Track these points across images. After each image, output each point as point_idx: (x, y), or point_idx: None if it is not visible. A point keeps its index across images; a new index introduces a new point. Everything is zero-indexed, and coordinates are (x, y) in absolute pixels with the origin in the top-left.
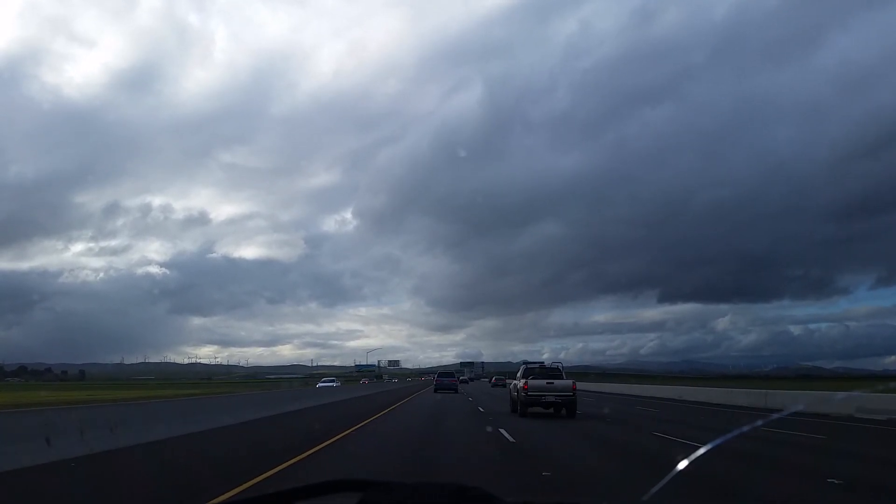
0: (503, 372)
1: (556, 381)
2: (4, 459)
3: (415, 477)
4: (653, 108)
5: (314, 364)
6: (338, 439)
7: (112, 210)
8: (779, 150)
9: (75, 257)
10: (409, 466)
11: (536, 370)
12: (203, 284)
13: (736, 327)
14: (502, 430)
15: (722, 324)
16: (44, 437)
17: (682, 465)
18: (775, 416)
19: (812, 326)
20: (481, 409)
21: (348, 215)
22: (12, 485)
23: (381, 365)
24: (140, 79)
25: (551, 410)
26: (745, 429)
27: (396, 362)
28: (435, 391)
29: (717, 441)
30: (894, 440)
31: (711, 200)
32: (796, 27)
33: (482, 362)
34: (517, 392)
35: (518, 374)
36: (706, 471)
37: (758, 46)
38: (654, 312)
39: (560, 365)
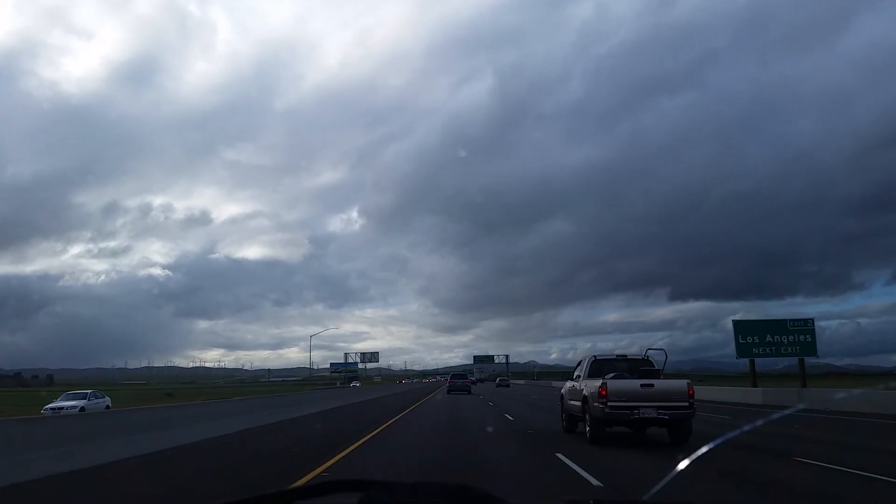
0: (523, 373)
1: (658, 383)
2: None
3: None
4: (670, 98)
5: (316, 367)
6: None
7: (113, 211)
8: (799, 140)
9: (76, 259)
10: None
11: (617, 364)
12: (207, 287)
13: None
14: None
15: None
16: None
17: (683, 464)
18: (776, 415)
19: (823, 324)
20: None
21: (354, 214)
22: None
23: (354, 361)
24: (140, 72)
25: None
26: (746, 427)
27: (374, 355)
28: (448, 392)
29: (718, 440)
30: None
31: (727, 194)
32: (823, 8)
33: (506, 356)
34: (585, 402)
35: (580, 372)
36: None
37: (782, 30)
38: (664, 311)
39: (651, 356)
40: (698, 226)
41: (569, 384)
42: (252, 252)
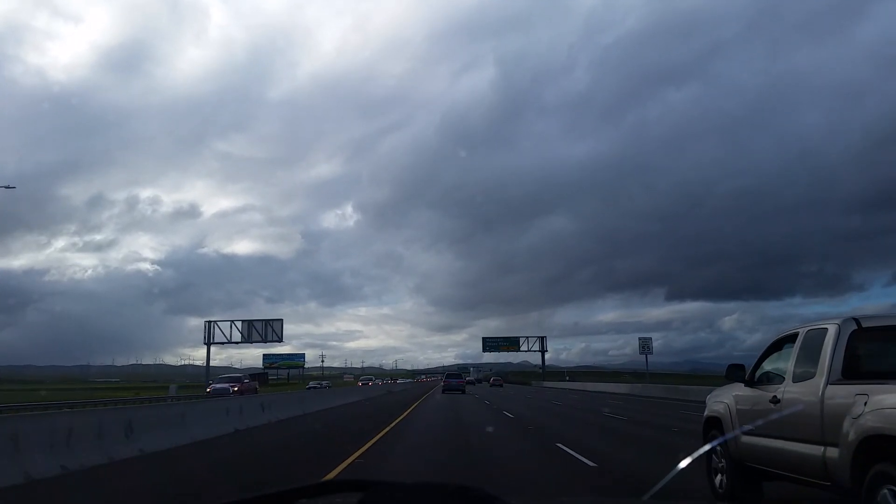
0: (524, 373)
1: None
2: None
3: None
4: (677, 90)
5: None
6: None
7: (100, 203)
8: (806, 135)
9: (61, 254)
10: None
11: None
12: (198, 283)
13: (742, 326)
14: None
15: (728, 323)
16: None
17: (684, 464)
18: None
19: None
20: None
21: (349, 209)
22: None
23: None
24: (129, 59)
25: None
26: (747, 427)
27: (276, 325)
28: (443, 392)
29: (719, 440)
30: None
31: (730, 191)
32: None
33: (540, 340)
34: (871, 450)
35: (787, 364)
36: None
37: (793, 19)
38: (660, 311)
39: None
40: (700, 223)
41: (734, 397)
42: (243, 247)
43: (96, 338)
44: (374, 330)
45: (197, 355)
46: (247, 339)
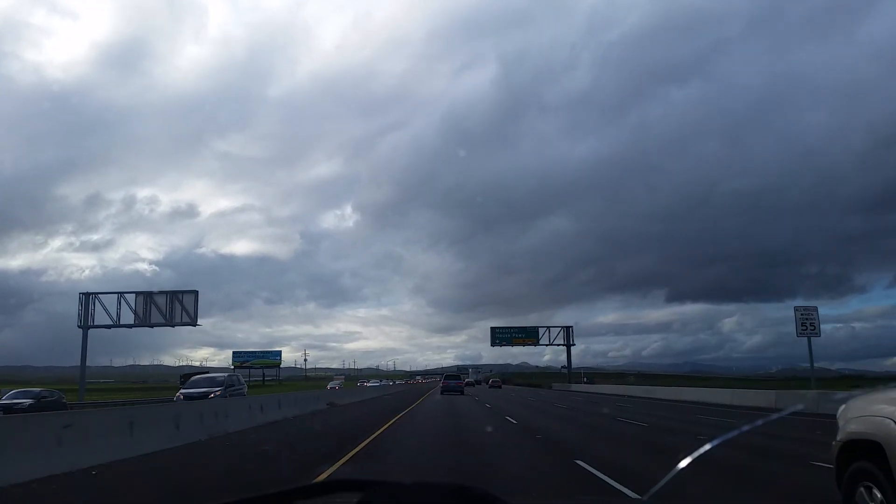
0: (523, 374)
1: None
2: None
3: None
4: (679, 88)
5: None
6: None
7: (97, 203)
8: (810, 134)
9: (58, 254)
10: None
11: None
12: (196, 284)
13: (742, 328)
14: None
15: (728, 325)
16: None
17: (684, 463)
18: (774, 416)
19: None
20: None
21: (348, 210)
22: None
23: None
24: (127, 56)
25: None
26: (746, 427)
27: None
28: (441, 394)
29: (719, 440)
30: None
31: (732, 192)
32: None
33: (567, 330)
34: None
35: None
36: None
37: (800, 16)
38: (660, 313)
39: None
40: (700, 224)
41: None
42: (242, 248)
43: (94, 338)
44: (374, 331)
45: (196, 356)
46: (144, 320)
